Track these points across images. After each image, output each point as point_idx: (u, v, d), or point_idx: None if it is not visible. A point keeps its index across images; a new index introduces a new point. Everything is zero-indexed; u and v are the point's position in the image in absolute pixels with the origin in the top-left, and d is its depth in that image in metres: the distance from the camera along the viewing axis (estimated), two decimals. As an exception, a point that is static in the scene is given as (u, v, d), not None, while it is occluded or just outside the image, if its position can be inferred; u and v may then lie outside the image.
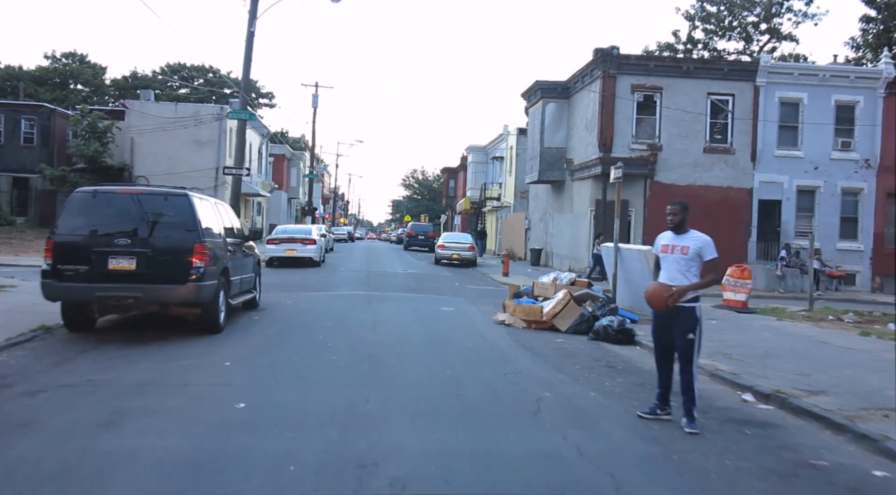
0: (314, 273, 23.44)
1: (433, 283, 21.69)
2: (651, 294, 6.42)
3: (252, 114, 25.47)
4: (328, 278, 21.32)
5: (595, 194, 27.42)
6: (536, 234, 36.86)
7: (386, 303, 15.13)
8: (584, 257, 28.05)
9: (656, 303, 6.37)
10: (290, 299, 15.29)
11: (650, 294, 6.43)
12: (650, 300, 6.44)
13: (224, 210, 12.02)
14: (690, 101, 26.21)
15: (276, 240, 26.20)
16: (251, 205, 49.25)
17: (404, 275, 24.84)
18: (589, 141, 28.02)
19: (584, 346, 11.02)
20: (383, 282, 20.64)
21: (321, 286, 18.65)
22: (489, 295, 18.93)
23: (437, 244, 32.24)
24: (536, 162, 31.79)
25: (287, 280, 20.29)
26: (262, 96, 78.48)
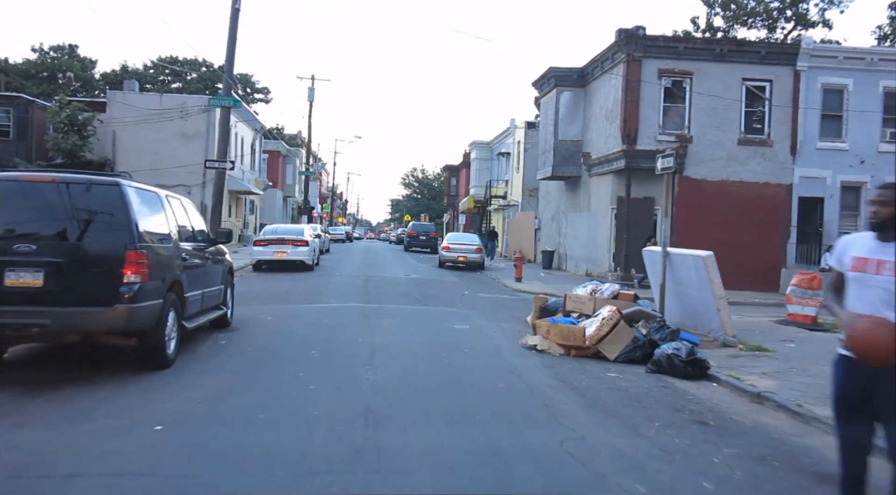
0: (305, 279, 20.83)
1: (439, 291, 19.09)
2: (869, 337, 3.66)
3: (237, 100, 22.92)
4: (321, 285, 18.71)
5: (617, 191, 24.83)
6: (548, 235, 34.25)
7: (386, 320, 12.52)
8: (605, 260, 25.48)
9: (877, 352, 3.63)
10: (273, 314, 12.69)
11: (866, 336, 3.65)
12: (867, 347, 3.67)
13: (180, 206, 9.43)
14: (724, 87, 23.62)
15: (264, 242, 23.60)
16: (243, 203, 46.64)
17: (406, 280, 22.24)
18: (610, 132, 25.43)
19: (647, 384, 8.42)
20: (383, 291, 18.03)
21: (312, 296, 16.05)
22: (505, 306, 16.34)
23: (442, 246, 29.64)
24: (550, 156, 29.19)
25: (273, 288, 17.69)
26: (257, 91, 75.93)
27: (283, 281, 19.89)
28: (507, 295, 19.86)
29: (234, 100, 22.51)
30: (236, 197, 43.78)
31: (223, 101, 22.34)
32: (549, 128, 29.65)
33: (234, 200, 43.31)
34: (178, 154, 37.37)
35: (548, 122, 29.82)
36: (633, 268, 23.64)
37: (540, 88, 31.28)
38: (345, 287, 18.61)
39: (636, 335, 9.91)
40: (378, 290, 18.04)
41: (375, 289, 18.50)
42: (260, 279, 20.74)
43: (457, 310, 14.94)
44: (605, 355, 9.80)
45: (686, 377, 8.77)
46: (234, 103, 22.67)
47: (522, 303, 17.42)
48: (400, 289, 18.74)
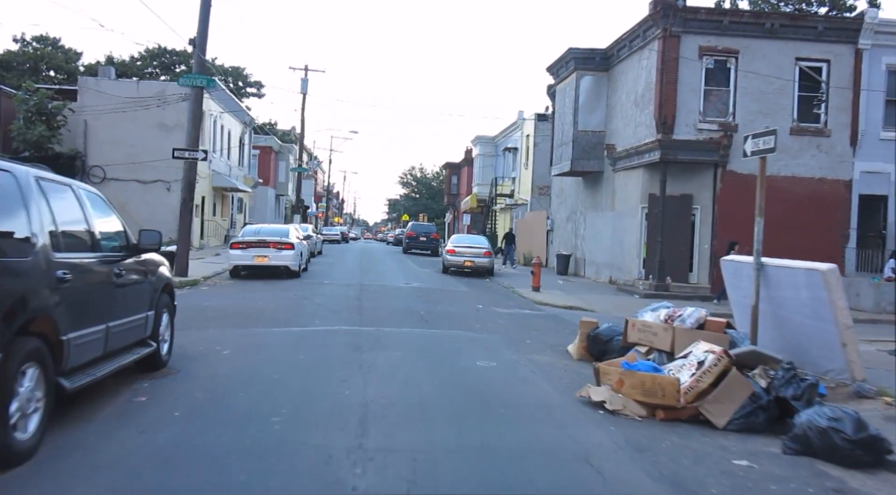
0: (288, 289, 17.62)
1: (448, 305, 15.89)
2: None
3: (210, 79, 19.68)
4: (305, 299, 15.48)
5: (648, 187, 21.66)
6: (562, 237, 31.06)
7: (385, 354, 9.28)
8: (633, 266, 22.31)
9: None
10: (233, 344, 9.48)
11: None
12: None
13: (73, 199, 6.19)
14: (774, 67, 20.48)
15: (243, 244, 20.36)
16: (230, 201, 43.37)
17: (407, 290, 19.03)
18: (640, 120, 22.26)
19: (803, 480, 5.24)
20: (380, 306, 14.80)
21: (291, 314, 12.82)
22: (532, 326, 13.15)
23: (446, 249, 26.43)
24: (568, 149, 26.01)
25: (245, 302, 14.47)
26: (249, 85, 72.65)
27: (260, 292, 16.68)
28: (528, 309, 16.67)
29: (206, 78, 19.28)
30: (222, 194, 40.55)
31: (194, 79, 19.12)
32: (566, 118, 26.47)
33: (219, 198, 40.09)
34: (156, 146, 34.06)
35: (566, 111, 26.64)
36: (668, 277, 20.50)
37: (556, 74, 28.09)
38: (334, 300, 15.37)
39: (755, 390, 6.71)
40: (374, 305, 14.81)
41: (371, 303, 15.27)
42: (233, 289, 17.52)
43: (474, 334, 11.72)
44: (708, 419, 6.62)
45: (855, 465, 5.59)
46: (208, 83, 19.44)
47: (552, 321, 14.23)
48: (400, 303, 15.52)
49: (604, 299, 19.37)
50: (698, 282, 20.94)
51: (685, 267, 21.09)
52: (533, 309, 16.78)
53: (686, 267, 21.11)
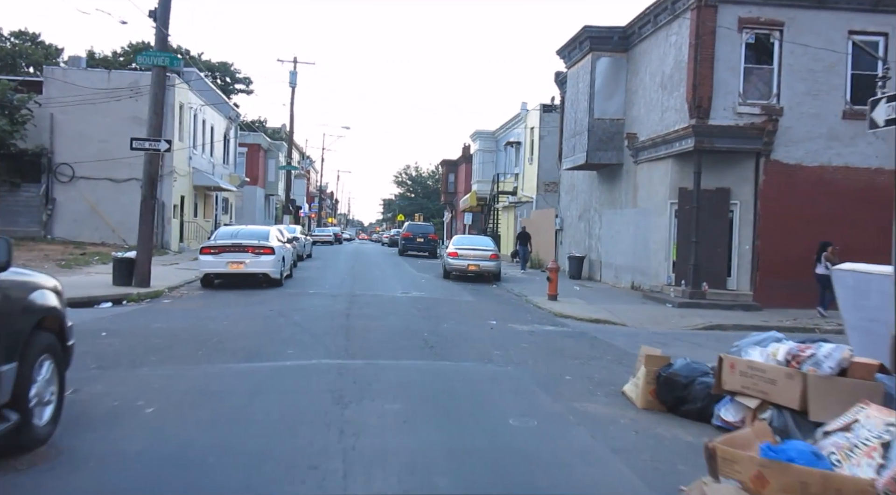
0: (265, 301, 14.91)
1: (455, 322, 13.19)
2: None
3: (175, 58, 16.90)
4: (281, 316, 12.75)
5: (678, 180, 19.01)
6: (574, 237, 28.40)
7: (377, 411, 6.52)
8: (661, 270, 19.65)
9: None
10: (163, 397, 6.76)
11: None
12: None
13: None
14: (824, 42, 17.83)
15: (215, 249, 17.63)
16: (214, 201, 40.57)
17: (405, 302, 16.33)
18: (668, 104, 19.60)
19: None
20: (373, 326, 12.06)
21: (258, 342, 10.08)
22: (566, 352, 10.47)
23: (448, 251, 23.73)
24: (583, 139, 23.34)
25: (203, 322, 11.74)
26: (237, 81, 69.82)
27: (230, 306, 13.97)
28: (550, 324, 14.00)
29: (169, 56, 16.53)
30: (204, 193, 37.78)
31: (154, 57, 16.39)
32: (580, 105, 23.79)
33: (201, 197, 37.31)
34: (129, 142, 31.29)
35: (579, 98, 23.96)
36: (704, 283, 17.85)
37: (567, 56, 25.42)
38: (317, 318, 12.63)
39: None
40: (366, 324, 12.08)
41: (362, 321, 12.55)
42: (200, 302, 14.80)
43: (495, 367, 9.01)
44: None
45: None
46: (172, 61, 16.69)
47: (585, 343, 11.54)
48: (398, 321, 12.80)
49: (633, 310, 16.72)
50: (738, 289, 18.29)
51: (722, 271, 18.44)
52: (555, 324, 14.10)
53: (723, 271, 18.46)
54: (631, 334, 13.17)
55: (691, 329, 14.70)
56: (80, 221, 31.06)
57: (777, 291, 17.65)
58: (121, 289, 16.01)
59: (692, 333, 14.00)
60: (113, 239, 31.01)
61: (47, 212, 30.96)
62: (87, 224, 31.15)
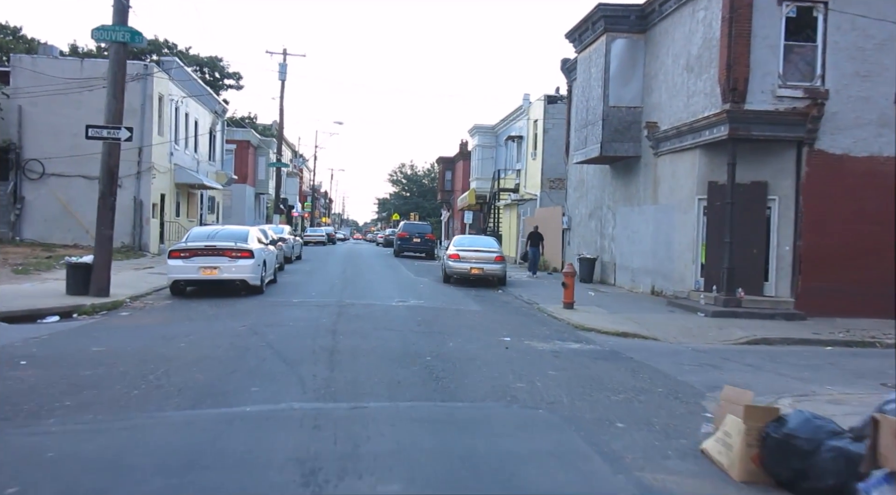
0: (238, 314, 12.77)
1: (463, 338, 11.07)
2: None
3: (136, 33, 14.65)
4: (253, 335, 10.59)
5: (707, 173, 16.95)
6: (583, 237, 26.32)
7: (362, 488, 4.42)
8: (687, 274, 17.58)
9: None
10: (52, 474, 4.62)
11: None
12: None
13: None
14: (875, 15, 15.77)
15: (186, 252, 15.47)
16: (198, 200, 38.33)
17: (402, 313, 14.20)
18: (696, 88, 17.52)
19: None
20: (363, 348, 9.92)
21: (215, 375, 7.90)
22: (601, 380, 8.37)
23: (448, 253, 21.61)
24: (595, 130, 21.24)
25: (157, 344, 9.59)
26: (227, 76, 67.48)
27: (195, 321, 11.83)
28: (573, 340, 11.89)
29: (130, 31, 14.34)
30: (187, 191, 35.56)
31: (112, 32, 14.22)
32: (593, 92, 21.69)
33: (184, 196, 35.08)
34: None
35: (592, 84, 21.86)
36: (740, 289, 15.79)
37: (578, 40, 23.31)
38: (296, 337, 10.49)
39: None
40: (354, 346, 9.94)
41: (350, 340, 10.41)
42: (161, 316, 12.63)
43: (522, 410, 6.88)
44: None
45: None
46: (133, 37, 14.49)
47: (623, 367, 9.42)
48: (394, 340, 10.66)
49: (662, 321, 14.65)
50: (777, 295, 16.22)
51: (759, 275, 16.37)
52: (578, 339, 12.00)
53: (760, 275, 16.38)
54: (670, 352, 11.10)
55: (734, 343, 12.65)
56: (51, 221, 28.89)
57: (822, 298, 15.59)
58: (74, 299, 13.89)
59: (738, 350, 11.93)
60: (87, 240, 28.81)
61: (15, 212, 28.76)
62: (58, 224, 28.99)
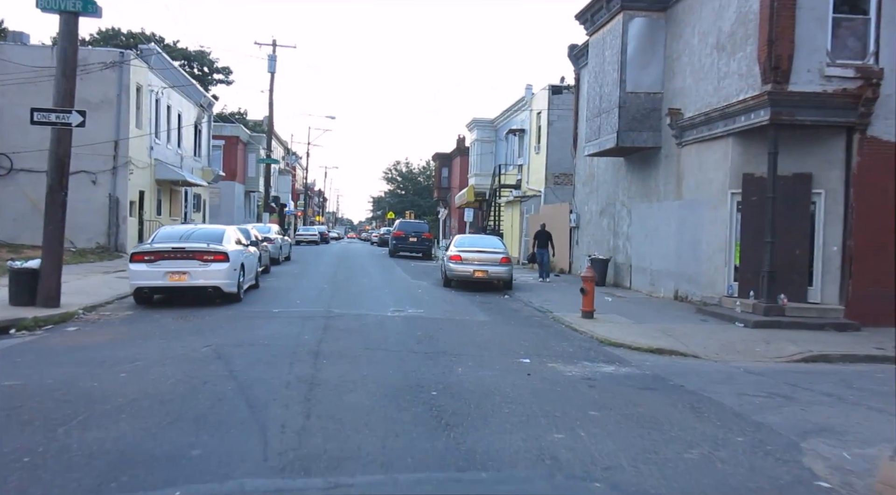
0: (205, 330, 10.77)
1: (473, 363, 9.11)
2: None
3: (88, 0, 12.61)
4: (215, 360, 8.60)
5: (742, 164, 15.04)
6: (594, 236, 24.39)
7: None
8: (719, 277, 15.65)
9: None
10: None
11: None
12: None
13: None
14: (936, -16, 13.87)
15: (150, 255, 13.45)
16: (182, 198, 36.26)
17: (399, 324, 12.22)
18: (729, 69, 15.58)
19: None
20: (351, 380, 7.90)
21: (149, 424, 5.91)
22: (655, 423, 6.41)
23: (449, 255, 19.63)
24: (611, 118, 19.29)
25: (93, 377, 7.59)
26: (216, 71, 65.51)
27: (146, 340, 9.82)
28: (603, 359, 9.93)
29: None
30: (170, 188, 33.48)
31: (60, 1, 12.20)
32: (607, 78, 19.74)
33: (166, 193, 33.01)
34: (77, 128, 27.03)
35: (606, 69, 19.90)
36: (782, 295, 13.87)
37: (590, 20, 21.35)
38: (269, 364, 8.48)
39: None
40: (341, 376, 7.94)
41: (337, 368, 8.42)
42: (107, 334, 10.60)
43: (570, 481, 4.93)
44: None
45: None
46: (85, 6, 12.44)
47: (675, 398, 7.46)
48: (391, 367, 8.68)
49: (697, 333, 12.73)
50: (823, 301, 14.30)
51: (802, 279, 14.45)
52: (608, 358, 10.05)
53: (804, 279, 14.46)
54: (722, 376, 9.17)
55: (787, 361, 10.75)
56: (20, 221, 26.78)
57: (876, 305, 13.69)
58: (17, 310, 11.90)
59: (798, 371, 10.00)
60: (59, 241, 26.82)
61: (-20, 211, 26.70)
62: (28, 224, 26.80)
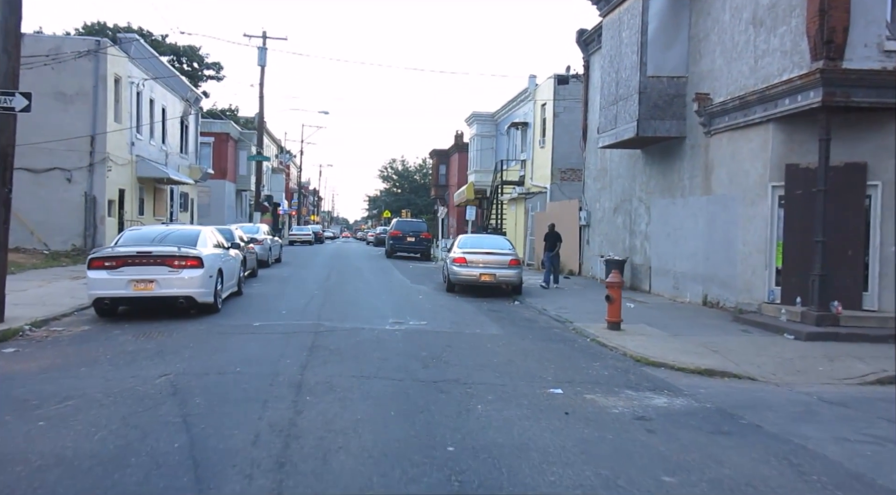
0: (165, 352, 8.97)
1: (495, 397, 7.32)
2: None
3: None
4: (169, 396, 6.80)
5: (785, 153, 13.30)
6: (607, 235, 22.64)
7: None
8: (758, 282, 13.91)
9: None
10: None
11: None
12: None
13: None
14: None
15: (111, 261, 11.63)
16: (168, 196, 34.39)
17: (399, 342, 10.42)
18: (769, 45, 13.82)
19: None
20: (339, 428, 6.13)
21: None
22: None
23: (453, 257, 17.85)
24: (629, 105, 17.53)
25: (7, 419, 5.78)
26: (206, 67, 63.68)
27: (93, 367, 8.01)
28: (649, 387, 8.16)
29: (24, -40, 10.52)
30: (154, 187, 31.63)
31: (0, -39, 10.40)
32: (625, 61, 17.98)
33: (149, 192, 31.15)
34: (51, 122, 25.28)
35: (624, 51, 18.14)
36: (836, 302, 12.12)
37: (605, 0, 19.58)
38: (237, 403, 6.67)
39: None
40: (326, 425, 6.13)
41: (321, 407, 6.63)
42: (50, 357, 8.76)
43: None
44: None
45: None
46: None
47: (759, 447, 5.65)
48: (390, 408, 6.88)
49: (743, 347, 10.99)
50: (881, 309, 12.55)
51: (856, 283, 12.70)
52: (655, 385, 8.27)
53: (858, 283, 12.72)
54: (801, 409, 7.43)
55: (861, 384, 9.05)
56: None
57: (943, 313, 11.97)
58: (-51, 327, 10.10)
59: (884, 398, 8.24)
60: (31, 243, 25.00)
61: (-54, 211, 24.78)
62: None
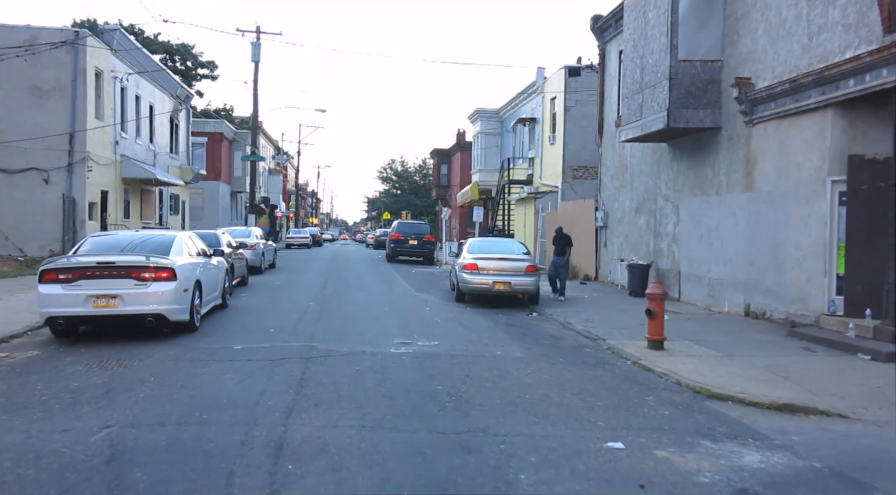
0: (117, 389, 7.18)
1: (542, 466, 5.55)
2: None
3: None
4: (104, 466, 5.03)
5: (847, 143, 11.56)
6: (627, 237, 20.86)
7: None
8: (814, 291, 12.13)
9: None
10: None
11: None
12: None
13: None
14: None
15: (67, 273, 9.85)
16: (156, 198, 32.58)
17: (406, 368, 8.64)
18: (825, 20, 12.05)
19: None
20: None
21: None
22: None
23: (463, 264, 16.05)
24: (658, 93, 15.77)
25: None
26: (201, 66, 61.85)
27: (16, 413, 6.22)
28: (726, 434, 6.37)
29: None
30: (140, 188, 29.83)
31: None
32: (651, 44, 16.21)
33: (135, 193, 29.34)
34: (26, 119, 23.55)
35: (650, 34, 16.38)
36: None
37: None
38: (185, 481, 4.91)
39: None
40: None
41: (305, 485, 4.85)
42: None
43: None
44: None
45: None
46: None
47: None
48: (403, 480, 5.11)
49: (812, 370, 9.23)
50: (965, 323, 10.78)
51: (934, 292, 10.94)
52: (736, 433, 6.50)
53: (936, 292, 10.95)
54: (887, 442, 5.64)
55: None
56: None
57: None
58: None
59: None
60: (6, 248, 23.23)
61: (-88, 216, 23.06)
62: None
